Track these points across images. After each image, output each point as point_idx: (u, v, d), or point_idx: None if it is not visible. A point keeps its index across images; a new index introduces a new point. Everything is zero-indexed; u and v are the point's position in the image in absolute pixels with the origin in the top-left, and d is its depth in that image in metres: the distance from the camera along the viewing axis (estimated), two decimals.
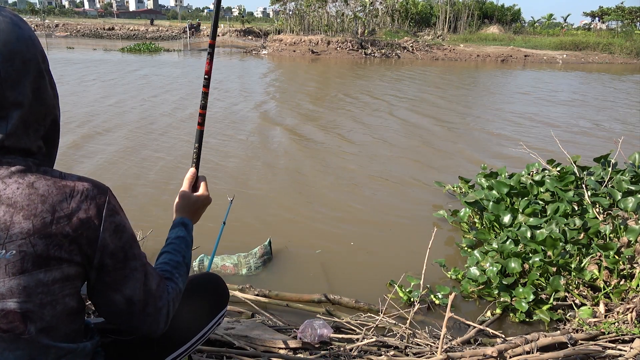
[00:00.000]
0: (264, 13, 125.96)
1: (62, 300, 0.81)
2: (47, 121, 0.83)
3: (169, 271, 1.02)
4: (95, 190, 0.82)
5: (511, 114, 9.71)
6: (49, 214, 0.76)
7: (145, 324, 0.91)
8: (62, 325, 0.83)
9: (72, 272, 0.80)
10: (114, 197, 0.86)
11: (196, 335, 1.19)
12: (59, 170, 0.83)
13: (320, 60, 24.34)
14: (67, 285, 0.80)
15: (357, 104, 10.40)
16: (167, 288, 0.95)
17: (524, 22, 43.43)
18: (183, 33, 35.18)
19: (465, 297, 2.90)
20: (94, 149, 6.05)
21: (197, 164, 1.24)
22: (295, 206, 4.45)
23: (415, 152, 6.50)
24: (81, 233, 0.79)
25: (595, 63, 28.04)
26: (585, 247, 2.95)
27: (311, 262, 3.33)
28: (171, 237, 1.12)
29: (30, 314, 0.77)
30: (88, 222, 0.80)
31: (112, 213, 0.83)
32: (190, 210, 1.19)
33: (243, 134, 7.20)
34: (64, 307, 0.81)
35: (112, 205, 0.84)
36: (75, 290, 0.83)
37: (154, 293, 0.90)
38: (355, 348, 2.03)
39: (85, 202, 0.80)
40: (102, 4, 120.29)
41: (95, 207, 0.81)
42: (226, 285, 1.33)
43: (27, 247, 0.74)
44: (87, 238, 0.80)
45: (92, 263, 0.83)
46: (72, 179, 0.81)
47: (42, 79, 0.80)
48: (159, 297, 0.91)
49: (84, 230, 0.79)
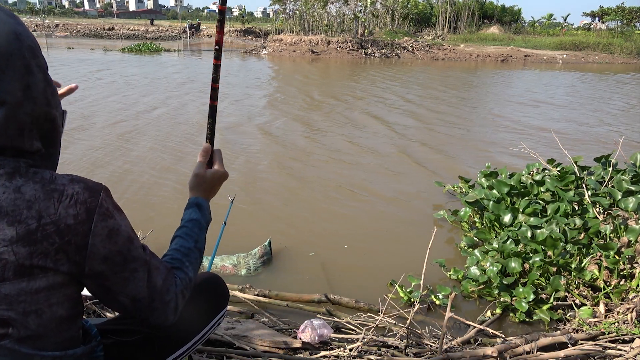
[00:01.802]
0: (264, 13, 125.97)
1: (49, 309, 0.77)
2: (41, 120, 0.79)
3: (179, 259, 0.99)
4: (86, 194, 0.78)
5: (511, 116, 9.71)
6: (35, 220, 0.72)
7: (153, 317, 0.89)
8: (51, 334, 0.80)
9: (58, 281, 0.77)
10: (109, 198, 0.82)
11: (196, 335, 1.19)
12: (52, 172, 0.79)
13: (320, 60, 24.34)
14: (54, 294, 0.77)
15: (358, 104, 10.40)
16: (175, 280, 0.93)
17: (524, 22, 43.45)
18: (183, 33, 35.23)
19: (465, 297, 2.90)
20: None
21: (211, 139, 1.20)
22: (296, 206, 4.45)
23: (415, 152, 6.50)
24: (68, 240, 0.75)
25: (596, 63, 28.03)
26: (586, 247, 2.95)
27: (311, 262, 3.33)
28: (184, 220, 1.08)
29: (12, 322, 0.74)
30: (76, 229, 0.76)
31: (104, 217, 0.79)
32: (205, 188, 1.14)
33: (243, 134, 7.20)
34: (51, 316, 0.78)
35: (105, 208, 0.80)
36: (64, 298, 0.79)
37: (160, 288, 0.88)
38: (355, 348, 2.03)
39: (74, 206, 0.76)
40: (102, 4, 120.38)
41: (85, 212, 0.77)
42: (226, 285, 1.33)
43: (8, 255, 0.71)
44: (75, 245, 0.76)
45: (83, 271, 0.79)
46: (62, 181, 0.77)
47: (30, 75, 0.76)
48: (166, 291, 0.89)
49: (71, 237, 0.75)
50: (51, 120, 0.81)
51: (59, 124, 0.84)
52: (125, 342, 1.08)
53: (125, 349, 1.08)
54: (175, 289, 0.92)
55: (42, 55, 0.80)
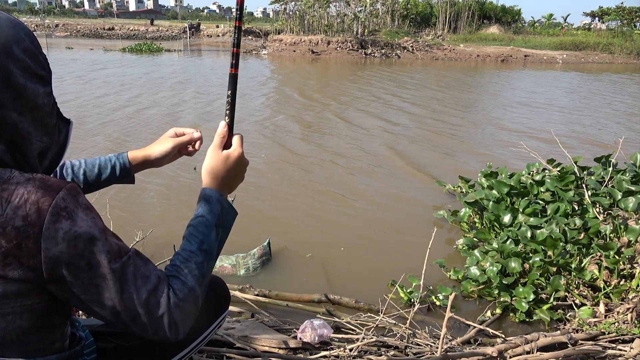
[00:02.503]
0: (264, 13, 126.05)
1: (2, 319, 0.71)
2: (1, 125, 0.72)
3: (177, 266, 0.84)
4: (39, 193, 0.70)
5: (511, 116, 9.71)
6: None
7: (146, 333, 0.78)
8: (12, 345, 0.74)
9: (13, 290, 0.70)
10: (70, 197, 0.73)
11: (197, 338, 1.18)
12: (13, 171, 0.72)
13: (320, 60, 24.34)
14: (6, 303, 0.70)
15: (358, 104, 10.40)
16: (168, 292, 0.79)
17: (524, 22, 43.47)
18: (183, 33, 35.23)
19: (465, 297, 2.90)
20: None
21: (231, 117, 1.01)
22: (295, 206, 4.45)
23: (415, 152, 6.50)
24: (18, 244, 0.68)
25: (596, 63, 28.04)
26: (586, 247, 2.95)
27: (311, 262, 3.33)
28: (193, 217, 0.93)
29: None
30: (26, 231, 0.68)
31: (58, 218, 0.70)
32: (220, 174, 0.97)
33: (244, 134, 7.18)
34: (7, 327, 0.72)
35: (61, 207, 0.71)
36: (23, 309, 0.73)
37: (145, 302, 0.76)
38: (355, 348, 2.03)
39: (22, 207, 0.68)
40: (102, 4, 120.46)
41: (35, 213, 0.69)
42: (228, 288, 1.30)
43: None
44: (26, 249, 0.69)
45: (42, 277, 0.71)
46: (18, 180, 0.70)
47: None
48: (156, 305, 0.77)
49: (21, 240, 0.68)
50: (11, 125, 0.73)
51: (24, 130, 0.75)
52: (125, 346, 1.07)
53: (125, 353, 1.07)
54: (169, 302, 0.78)
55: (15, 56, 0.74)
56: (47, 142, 0.80)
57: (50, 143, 0.81)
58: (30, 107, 0.75)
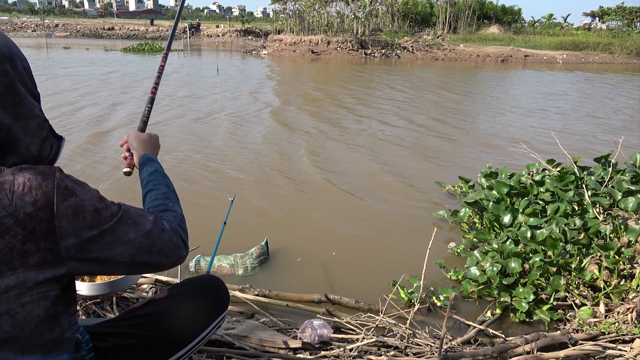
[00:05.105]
0: (264, 13, 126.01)
1: (22, 309, 0.73)
2: None
3: (162, 204, 1.04)
4: (39, 178, 0.74)
5: (511, 117, 9.70)
6: None
7: (166, 259, 0.92)
8: (29, 336, 0.76)
9: (30, 278, 0.73)
10: (65, 176, 0.79)
11: (195, 338, 1.18)
12: (1, 167, 0.76)
13: (320, 60, 24.34)
14: (26, 292, 0.73)
15: (357, 104, 10.40)
16: (166, 218, 0.97)
17: (524, 22, 43.47)
18: (183, 33, 35.19)
19: (465, 297, 2.90)
20: None
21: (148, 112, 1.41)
22: (294, 206, 4.45)
23: (416, 152, 6.50)
24: (32, 229, 0.72)
25: (596, 63, 28.04)
26: (586, 247, 2.94)
27: (310, 262, 3.32)
28: (145, 176, 1.14)
29: None
30: (38, 215, 0.72)
31: (65, 197, 0.76)
32: (150, 144, 1.27)
33: (241, 134, 7.19)
34: (26, 316, 0.74)
35: (64, 187, 0.77)
36: (39, 296, 0.75)
37: (151, 231, 0.89)
38: (355, 348, 2.03)
39: (29, 193, 0.72)
40: (102, 4, 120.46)
41: (43, 196, 0.73)
42: (227, 288, 1.31)
43: None
44: (41, 232, 0.73)
45: (60, 256, 0.76)
46: (10, 172, 0.74)
47: None
48: (161, 231, 0.91)
49: (35, 225, 0.72)
50: (6, 126, 0.77)
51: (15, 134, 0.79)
52: (123, 345, 1.07)
53: (123, 352, 1.07)
54: (171, 225, 0.95)
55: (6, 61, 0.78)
56: (34, 152, 0.84)
57: (37, 155, 0.85)
58: (26, 115, 0.81)
